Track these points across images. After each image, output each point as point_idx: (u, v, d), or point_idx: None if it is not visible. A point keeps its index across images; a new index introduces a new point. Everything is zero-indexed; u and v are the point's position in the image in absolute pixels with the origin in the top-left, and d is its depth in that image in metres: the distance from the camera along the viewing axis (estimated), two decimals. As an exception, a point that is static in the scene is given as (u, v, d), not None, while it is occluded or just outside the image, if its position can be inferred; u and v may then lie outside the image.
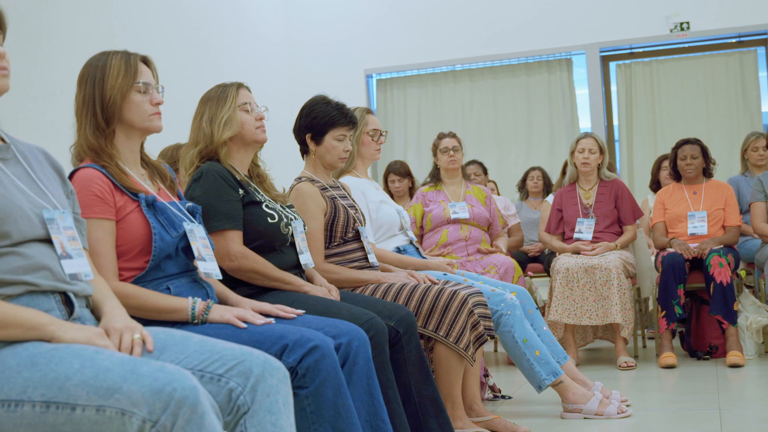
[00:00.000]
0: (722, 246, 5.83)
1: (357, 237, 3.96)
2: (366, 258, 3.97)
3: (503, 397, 4.90)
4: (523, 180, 8.26)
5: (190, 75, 7.84)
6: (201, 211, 3.01)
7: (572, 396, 4.30)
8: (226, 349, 2.31)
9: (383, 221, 4.48)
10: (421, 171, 8.24)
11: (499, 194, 8.26)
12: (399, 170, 7.04)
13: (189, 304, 2.72)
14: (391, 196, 7.00)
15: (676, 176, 6.24)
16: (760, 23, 9.89)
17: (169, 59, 7.96)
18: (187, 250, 2.84)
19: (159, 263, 2.77)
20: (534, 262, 7.36)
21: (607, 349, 6.38)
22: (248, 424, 2.24)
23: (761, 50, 10.11)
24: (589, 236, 6.00)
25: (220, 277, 2.93)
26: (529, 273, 7.19)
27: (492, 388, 4.94)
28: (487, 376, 4.94)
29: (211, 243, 2.97)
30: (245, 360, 2.28)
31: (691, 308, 5.96)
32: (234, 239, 3.27)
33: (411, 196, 6.75)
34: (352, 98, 9.55)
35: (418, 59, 10.69)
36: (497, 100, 10.61)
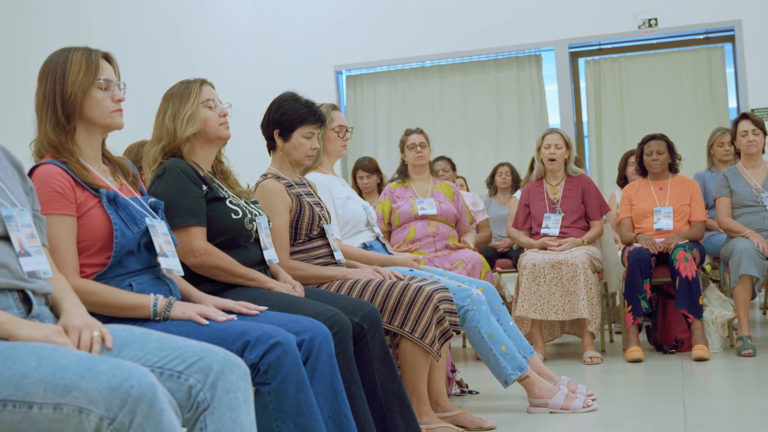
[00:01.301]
0: (688, 241, 5.87)
1: (322, 234, 3.96)
2: (331, 255, 3.97)
3: (470, 392, 4.92)
4: (492, 176, 8.28)
5: (160, 71, 7.81)
6: (164, 207, 3.00)
7: (538, 390, 4.32)
8: (186, 346, 2.31)
9: (349, 217, 4.48)
10: (391, 167, 8.25)
11: (468, 190, 8.27)
12: (367, 166, 7.04)
13: (151, 301, 2.72)
14: (360, 193, 7.01)
15: (643, 172, 6.28)
16: (728, 20, 9.96)
17: (138, 55, 7.94)
18: (150, 247, 2.83)
19: (121, 259, 2.76)
20: (503, 257, 7.39)
21: (575, 343, 6.41)
22: (208, 421, 2.24)
23: (728, 47, 10.19)
24: (556, 231, 6.03)
25: (182, 274, 2.92)
26: (498, 269, 7.20)
27: (459, 384, 4.95)
28: (455, 371, 4.96)
29: (174, 239, 2.96)
30: (205, 357, 2.28)
31: (657, 303, 6.00)
32: (197, 235, 3.26)
33: (380, 192, 6.75)
34: (321, 94, 9.58)
35: (387, 55, 10.69)
36: (467, 96, 10.64)
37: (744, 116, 6.05)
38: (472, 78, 10.64)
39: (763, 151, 6.08)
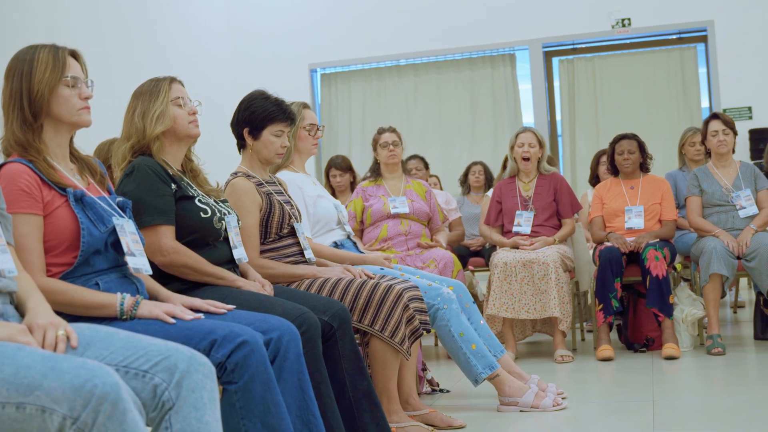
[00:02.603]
0: (658, 240, 5.91)
1: (292, 233, 3.95)
2: (302, 253, 3.96)
3: (441, 390, 4.93)
4: (465, 175, 8.30)
5: (134, 68, 7.77)
6: (131, 206, 2.99)
7: (508, 389, 4.33)
8: (151, 344, 2.31)
9: (320, 216, 4.48)
10: (365, 165, 8.25)
11: (441, 189, 8.28)
12: (340, 165, 7.04)
13: (117, 300, 2.71)
14: (333, 191, 7.01)
15: (614, 171, 6.31)
16: (700, 20, 10.03)
17: (112, 52, 7.90)
18: (117, 246, 2.82)
19: (87, 258, 2.75)
20: (476, 256, 7.40)
21: (546, 342, 6.43)
22: (173, 420, 2.24)
23: (701, 47, 10.26)
24: (527, 229, 6.05)
25: (150, 273, 2.91)
26: (470, 267, 7.22)
27: (430, 382, 4.96)
28: (426, 370, 4.96)
29: (142, 238, 2.95)
30: (170, 356, 2.27)
31: (628, 301, 6.03)
32: (166, 234, 3.25)
33: (353, 190, 6.75)
34: (296, 92, 9.58)
35: (362, 54, 10.70)
36: (441, 94, 10.67)
37: (714, 116, 6.09)
38: (447, 77, 10.68)
39: (733, 151, 6.12)
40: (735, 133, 6.07)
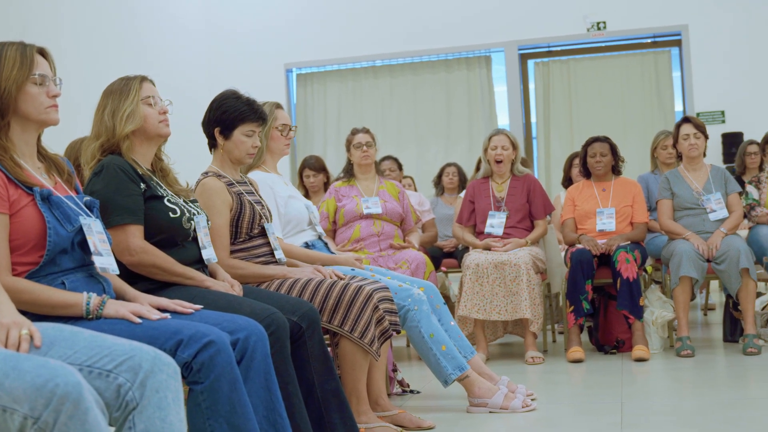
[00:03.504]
0: (629, 242, 5.94)
1: (263, 233, 3.95)
2: (272, 253, 3.96)
3: (411, 391, 4.94)
4: (439, 176, 8.31)
5: (107, 65, 7.74)
6: (99, 206, 2.98)
7: (478, 390, 4.35)
8: (115, 344, 2.30)
9: (292, 216, 4.47)
10: (340, 166, 8.21)
11: (416, 190, 8.30)
12: (314, 165, 7.03)
13: (83, 300, 2.69)
14: (306, 192, 7.01)
15: (586, 173, 6.34)
16: (675, 24, 10.10)
17: (85, 49, 7.87)
18: (84, 245, 2.81)
19: (54, 258, 2.73)
20: (449, 257, 7.42)
21: (518, 343, 6.45)
22: (137, 420, 2.24)
23: (675, 51, 10.32)
24: (500, 231, 6.06)
25: (117, 272, 2.90)
26: (443, 268, 7.24)
27: (401, 383, 4.97)
28: (396, 370, 4.97)
29: (109, 238, 2.94)
30: (135, 355, 2.27)
31: (599, 303, 6.06)
32: (135, 234, 3.24)
33: (326, 191, 6.75)
34: (271, 92, 9.58)
35: (338, 54, 10.71)
36: (417, 96, 10.69)
37: (686, 120, 6.13)
38: (422, 78, 10.70)
39: (704, 155, 6.16)
40: (706, 137, 6.10)
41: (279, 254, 3.98)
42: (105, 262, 2.85)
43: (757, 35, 9.93)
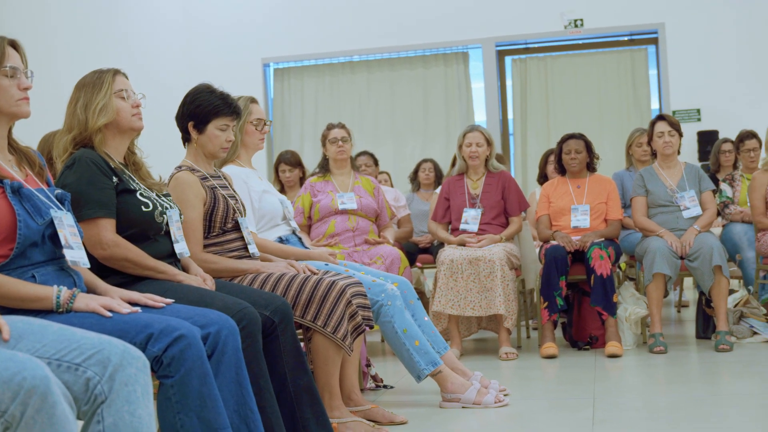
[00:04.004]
0: (603, 239, 5.96)
1: (236, 227, 3.94)
2: (245, 248, 3.96)
3: (385, 386, 4.94)
4: (415, 172, 8.32)
5: (82, 58, 7.71)
6: (70, 199, 2.96)
7: (451, 386, 4.35)
8: (84, 338, 2.30)
9: (266, 211, 4.47)
10: (317, 161, 8.22)
11: (392, 186, 8.31)
12: (290, 160, 7.02)
13: (54, 293, 2.68)
14: (282, 186, 7.00)
15: (561, 170, 6.36)
16: (651, 22, 10.15)
17: (60, 42, 7.83)
18: (54, 238, 2.79)
19: (24, 251, 2.72)
20: (424, 253, 7.43)
21: (492, 339, 6.47)
22: (105, 413, 2.23)
23: (651, 49, 10.38)
24: (475, 227, 6.08)
25: (88, 266, 2.89)
26: (418, 264, 7.25)
27: (374, 378, 4.97)
28: (370, 366, 4.98)
29: (80, 231, 2.93)
30: (103, 349, 2.27)
31: (573, 300, 6.09)
32: (106, 227, 3.23)
33: (302, 186, 6.75)
34: (248, 87, 9.56)
35: (315, 49, 10.71)
36: (394, 91, 10.70)
37: (660, 118, 6.16)
38: (400, 74, 10.71)
39: (679, 152, 6.19)
40: (681, 135, 6.13)
41: (252, 249, 3.97)
42: (76, 255, 2.84)
43: (733, 34, 10.00)
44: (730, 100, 9.89)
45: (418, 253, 7.37)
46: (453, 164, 6.71)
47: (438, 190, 6.85)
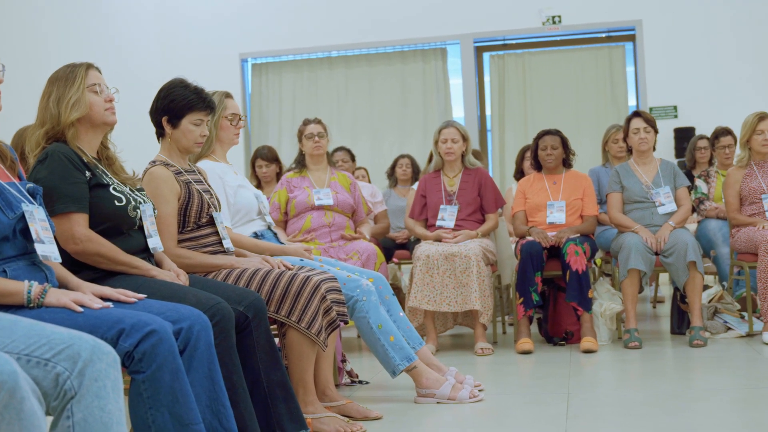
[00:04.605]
0: (579, 235, 5.98)
1: (211, 222, 3.93)
2: (220, 243, 3.95)
3: (360, 382, 4.95)
4: (392, 167, 8.32)
5: (55, 51, 7.67)
6: (42, 193, 2.95)
7: (425, 381, 4.36)
8: (54, 333, 2.29)
9: (241, 206, 4.47)
10: (295, 157, 8.25)
11: (370, 181, 8.31)
12: (266, 155, 7.02)
13: (24, 288, 2.67)
14: (259, 182, 6.99)
15: (537, 166, 6.37)
16: (629, 19, 10.19)
17: (33, 34, 7.78)
18: (26, 233, 2.79)
19: (-5, 246, 2.71)
20: (401, 248, 7.43)
21: (468, 335, 6.49)
22: (75, 409, 2.23)
23: (629, 45, 10.42)
24: (451, 223, 6.09)
25: (59, 260, 2.88)
26: (395, 260, 7.25)
27: (350, 374, 4.98)
28: (345, 361, 4.98)
29: (52, 225, 2.92)
30: (73, 344, 2.26)
31: (548, 295, 6.11)
32: (79, 222, 3.22)
33: (279, 181, 6.74)
34: (226, 82, 9.54)
35: (294, 44, 10.70)
36: (372, 87, 10.70)
37: (636, 114, 6.18)
38: (378, 69, 10.72)
39: (654, 149, 6.22)
40: (656, 131, 6.16)
41: (227, 244, 3.97)
42: (47, 250, 2.83)
43: (710, 31, 10.05)
44: (707, 97, 9.95)
45: (395, 248, 7.38)
46: (430, 160, 6.71)
47: (415, 186, 6.85)
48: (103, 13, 9.48)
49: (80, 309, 2.67)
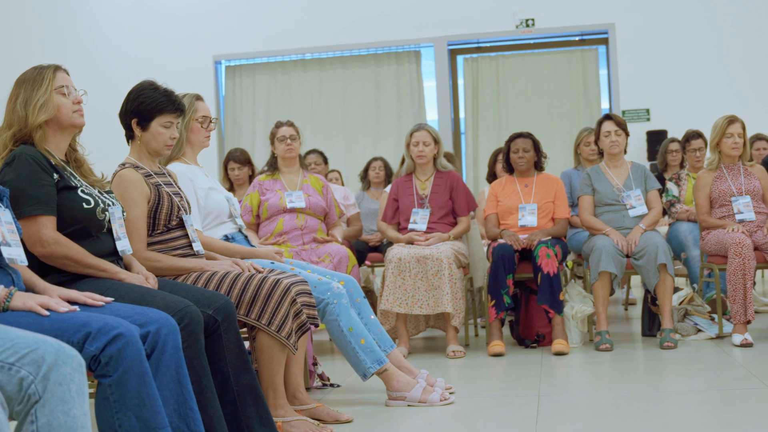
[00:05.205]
0: (550, 237, 6.00)
1: (181, 225, 3.91)
2: (190, 246, 3.93)
3: (332, 385, 4.94)
4: (365, 170, 8.31)
5: (28, 52, 7.62)
6: (8, 195, 2.94)
7: (396, 384, 4.36)
8: (19, 336, 2.27)
9: (212, 208, 4.45)
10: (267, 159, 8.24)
11: (343, 184, 8.30)
12: (239, 158, 7.00)
13: (-10, 292, 2.66)
14: (231, 184, 6.97)
15: (509, 169, 6.39)
16: (602, 23, 10.23)
17: (6, 35, 7.73)
18: (-8, 236, 2.77)
19: (-40, 249, 2.70)
20: (374, 251, 7.43)
21: (441, 337, 6.48)
22: (39, 413, 2.22)
23: (602, 49, 10.47)
24: (423, 227, 6.10)
25: (26, 263, 2.87)
26: (368, 263, 7.25)
27: (321, 377, 4.97)
28: (316, 364, 4.97)
29: (19, 228, 2.90)
30: (38, 348, 2.25)
31: (520, 298, 6.12)
32: (47, 225, 3.20)
33: (251, 184, 6.73)
34: (200, 84, 9.53)
35: (267, 47, 10.69)
36: (346, 90, 10.70)
37: (607, 117, 6.21)
38: (352, 72, 10.72)
39: (625, 152, 6.25)
40: (627, 134, 6.19)
41: (197, 247, 3.95)
42: (13, 252, 2.81)
43: (683, 35, 10.12)
44: (679, 100, 10.01)
45: (368, 251, 7.38)
46: (402, 163, 6.71)
47: (388, 188, 6.86)
48: (78, 16, 9.43)
49: (46, 312, 2.66)
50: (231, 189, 7.02)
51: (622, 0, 10.22)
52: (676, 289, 6.11)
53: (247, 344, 3.90)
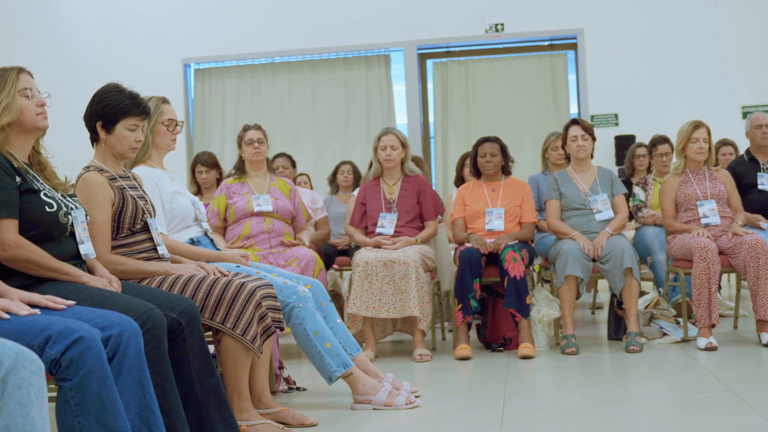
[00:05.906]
0: (517, 241, 6.02)
1: (146, 228, 3.90)
2: (155, 249, 3.92)
3: (298, 388, 4.94)
4: (334, 174, 8.32)
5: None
6: (-30, 199, 2.92)
7: (362, 387, 4.37)
8: (-23, 340, 2.26)
9: (177, 212, 4.43)
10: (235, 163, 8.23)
11: (312, 188, 8.30)
12: (206, 161, 6.99)
13: (-50, 295, 2.64)
14: (199, 188, 6.95)
15: (477, 173, 6.41)
16: (571, 28, 10.29)
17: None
18: (-48, 239, 2.75)
19: None
20: (342, 255, 7.43)
21: (407, 341, 6.49)
22: (-3, 417, 2.20)
23: (571, 54, 10.53)
24: (390, 231, 6.10)
25: (-13, 267, 2.85)
26: (335, 266, 7.25)
27: (287, 380, 4.96)
28: (282, 368, 4.96)
29: (-20, 231, 2.88)
30: (-4, 352, 2.23)
31: (487, 302, 6.14)
32: (8, 228, 3.18)
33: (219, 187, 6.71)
34: (169, 87, 9.49)
35: (237, 50, 10.68)
36: (316, 93, 10.71)
37: (574, 122, 6.25)
38: (321, 76, 10.72)
39: (592, 156, 6.29)
40: (594, 139, 6.23)
41: (162, 250, 3.94)
42: (-26, 256, 2.80)
43: (651, 40, 10.20)
44: (647, 106, 10.09)
45: (336, 255, 7.38)
46: (370, 167, 6.72)
47: (356, 192, 6.86)
48: (44, 17, 9.37)
49: (6, 316, 2.65)
50: (198, 192, 7.00)
51: (591, 6, 10.29)
52: (642, 293, 6.14)
53: (212, 348, 3.89)
